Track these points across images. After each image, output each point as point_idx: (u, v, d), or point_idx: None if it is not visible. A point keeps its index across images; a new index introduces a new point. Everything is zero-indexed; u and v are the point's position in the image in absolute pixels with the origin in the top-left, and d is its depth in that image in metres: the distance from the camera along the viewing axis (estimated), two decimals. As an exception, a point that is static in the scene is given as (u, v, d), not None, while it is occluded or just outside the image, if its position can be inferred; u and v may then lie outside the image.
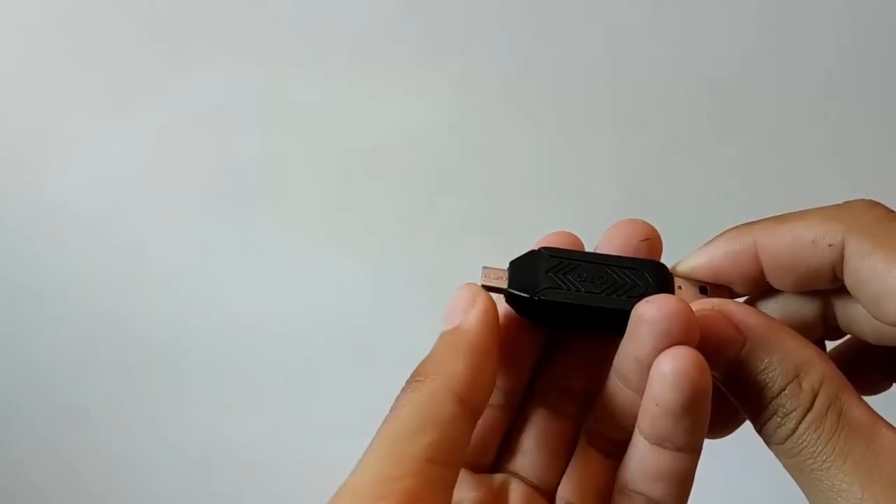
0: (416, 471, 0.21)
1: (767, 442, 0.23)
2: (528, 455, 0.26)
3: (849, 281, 0.23)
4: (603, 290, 0.25)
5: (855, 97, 0.58)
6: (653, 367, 0.22)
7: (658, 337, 0.22)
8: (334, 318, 0.66)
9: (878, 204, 0.24)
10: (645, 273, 0.25)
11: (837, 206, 0.24)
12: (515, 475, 0.26)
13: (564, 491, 0.26)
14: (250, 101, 0.61)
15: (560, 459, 0.26)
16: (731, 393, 0.23)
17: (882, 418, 0.22)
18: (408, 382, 0.23)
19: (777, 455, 0.23)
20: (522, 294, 0.25)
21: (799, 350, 0.22)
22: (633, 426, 0.24)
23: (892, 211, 0.23)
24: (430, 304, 0.66)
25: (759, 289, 0.26)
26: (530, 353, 0.26)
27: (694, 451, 0.23)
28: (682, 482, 0.24)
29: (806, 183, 0.57)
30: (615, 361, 0.24)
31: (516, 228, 0.61)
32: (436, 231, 0.63)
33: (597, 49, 0.58)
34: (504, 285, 0.25)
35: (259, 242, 0.65)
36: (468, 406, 0.22)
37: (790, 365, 0.22)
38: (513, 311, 0.26)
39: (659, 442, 0.23)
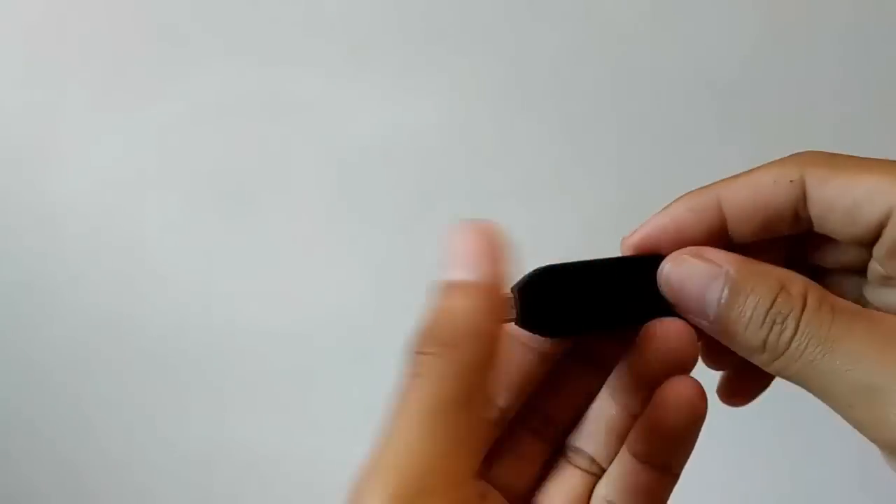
0: (461, 440, 0.20)
1: (771, 361, 0.23)
2: (507, 469, 0.27)
3: (815, 209, 0.24)
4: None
5: (856, 97, 0.58)
6: (659, 391, 0.24)
7: (665, 355, 0.24)
8: (335, 318, 0.66)
9: (821, 151, 0.25)
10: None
11: (786, 156, 0.25)
12: (493, 486, 0.26)
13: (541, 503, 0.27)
14: (250, 101, 0.61)
15: (535, 474, 0.27)
16: (727, 335, 0.24)
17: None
18: (426, 346, 0.21)
19: (781, 370, 0.23)
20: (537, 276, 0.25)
21: (777, 269, 0.24)
22: (618, 444, 0.25)
23: (834, 153, 0.25)
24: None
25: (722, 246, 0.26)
26: (532, 380, 0.27)
27: (677, 475, 0.25)
28: (661, 500, 0.25)
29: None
30: (613, 377, 0.26)
31: (517, 229, 0.61)
32: (437, 231, 0.63)
33: (598, 49, 0.58)
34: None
35: (259, 242, 0.65)
36: (490, 383, 0.21)
37: (774, 281, 0.23)
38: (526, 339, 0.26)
39: (648, 460, 0.24)
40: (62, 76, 0.62)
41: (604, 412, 0.26)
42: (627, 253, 0.26)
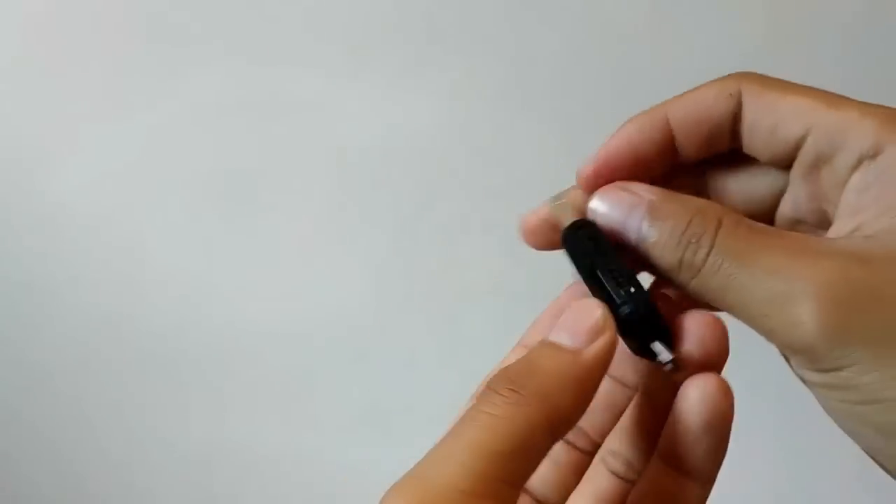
0: (497, 493, 0.20)
1: (689, 280, 0.24)
2: (540, 474, 0.26)
3: (745, 125, 0.25)
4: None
5: (856, 97, 0.57)
6: (681, 389, 0.24)
7: (693, 349, 0.24)
8: (334, 317, 0.66)
9: (764, 74, 0.26)
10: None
11: (730, 74, 0.27)
12: (525, 490, 0.26)
13: None
14: (250, 101, 0.61)
15: (569, 480, 0.27)
16: (647, 256, 0.25)
17: None
18: (504, 386, 0.22)
19: (699, 289, 0.24)
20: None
21: (696, 199, 0.25)
22: (653, 449, 0.25)
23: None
24: (430, 304, 0.66)
25: (670, 165, 0.27)
26: None
27: (709, 481, 0.24)
28: None
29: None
30: (646, 376, 0.26)
31: (516, 229, 0.61)
32: (436, 231, 0.63)
33: (598, 49, 0.58)
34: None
35: (258, 242, 0.65)
36: (556, 440, 0.22)
37: (691, 206, 0.24)
38: None
39: (675, 463, 0.24)
40: (62, 76, 0.62)
41: (639, 413, 0.26)
42: (582, 181, 0.27)
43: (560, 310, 0.25)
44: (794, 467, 0.64)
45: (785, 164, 0.25)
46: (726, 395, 0.23)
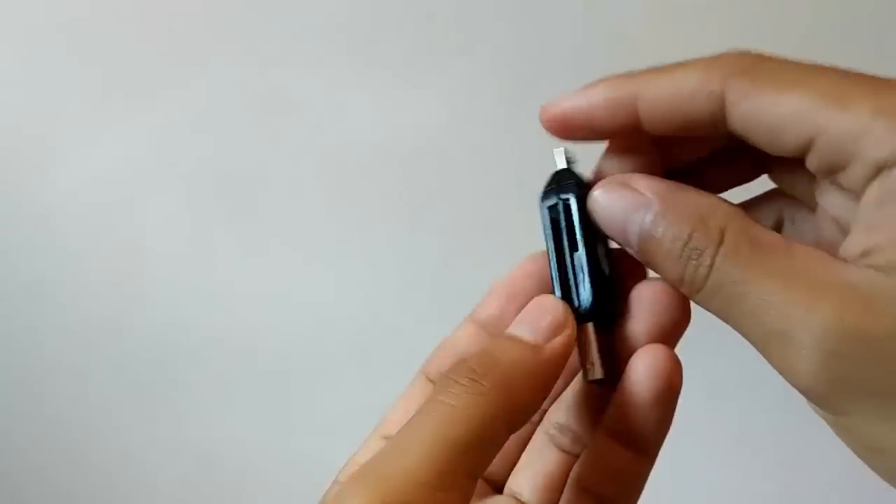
0: (460, 486, 0.21)
1: (692, 295, 0.23)
2: None
3: (736, 124, 0.23)
4: None
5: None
6: (632, 359, 0.24)
7: (653, 318, 0.24)
8: (334, 318, 0.66)
9: (750, 51, 0.23)
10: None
11: (713, 56, 0.24)
12: None
13: (516, 483, 0.26)
14: (250, 101, 0.61)
15: (511, 450, 0.27)
16: (649, 262, 0.24)
17: (794, 240, 0.22)
18: (464, 376, 0.22)
19: (703, 304, 0.23)
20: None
21: (700, 199, 0.23)
22: (598, 422, 0.25)
23: (765, 55, 0.23)
24: (430, 305, 0.66)
25: (629, 137, 0.26)
26: None
27: (652, 456, 0.24)
28: (635, 484, 0.25)
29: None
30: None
31: (516, 229, 0.61)
32: (436, 231, 0.63)
33: (597, 49, 0.58)
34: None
35: (258, 243, 0.65)
36: (513, 432, 0.22)
37: (695, 213, 0.22)
38: None
39: (621, 436, 0.24)
40: (62, 76, 0.62)
41: (586, 385, 0.25)
42: (543, 119, 0.27)
43: (512, 287, 0.27)
44: (793, 467, 0.64)
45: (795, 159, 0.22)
46: (675, 366, 0.24)
